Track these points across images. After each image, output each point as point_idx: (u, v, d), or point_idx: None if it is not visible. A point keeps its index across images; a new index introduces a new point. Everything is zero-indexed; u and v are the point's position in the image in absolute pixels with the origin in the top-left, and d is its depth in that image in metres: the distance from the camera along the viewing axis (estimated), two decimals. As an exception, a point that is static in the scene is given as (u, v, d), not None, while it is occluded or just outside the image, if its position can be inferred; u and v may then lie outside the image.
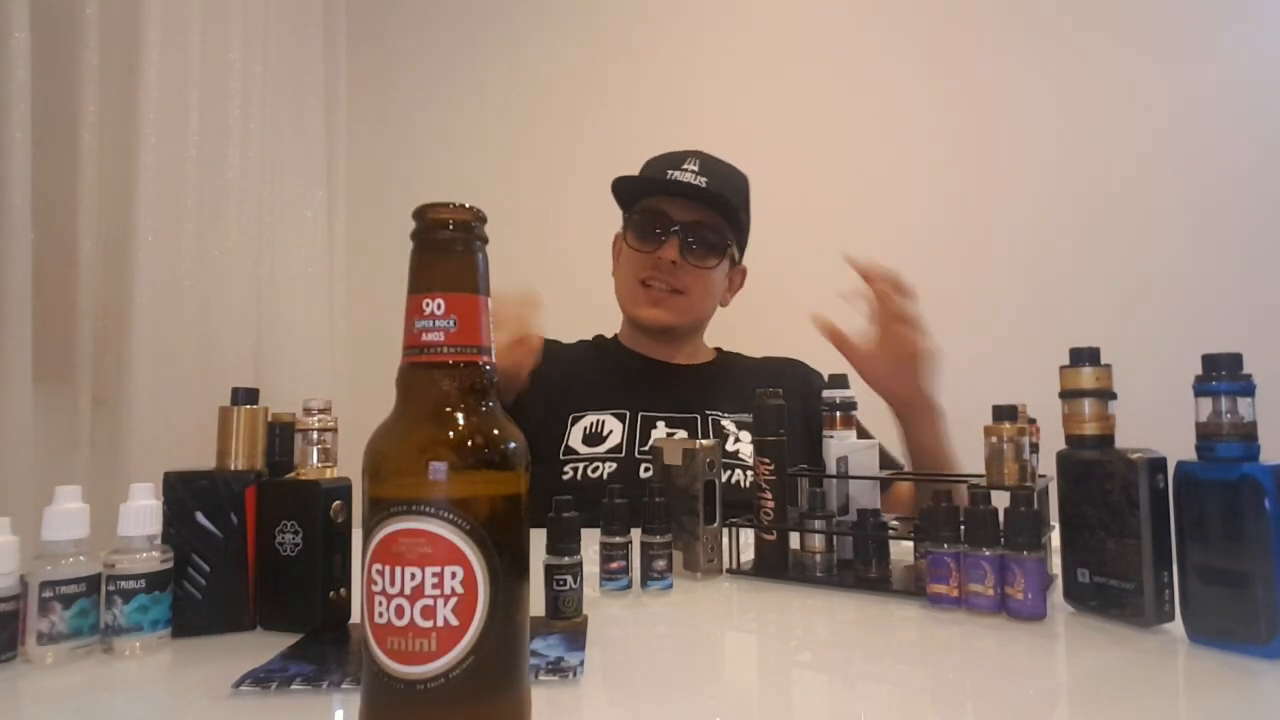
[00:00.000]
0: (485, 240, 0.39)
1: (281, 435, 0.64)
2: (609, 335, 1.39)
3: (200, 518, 0.58)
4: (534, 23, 2.03)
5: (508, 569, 0.36)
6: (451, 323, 0.37)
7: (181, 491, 0.58)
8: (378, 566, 0.35)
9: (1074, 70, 1.84)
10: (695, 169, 1.23)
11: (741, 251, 1.32)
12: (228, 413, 0.61)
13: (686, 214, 1.22)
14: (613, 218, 1.33)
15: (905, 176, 1.87)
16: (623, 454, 1.14)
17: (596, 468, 1.12)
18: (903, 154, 1.88)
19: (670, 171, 1.23)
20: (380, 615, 0.34)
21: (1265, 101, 1.76)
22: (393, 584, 0.34)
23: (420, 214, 0.38)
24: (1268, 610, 0.49)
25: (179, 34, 1.35)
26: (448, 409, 0.37)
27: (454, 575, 0.34)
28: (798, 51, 1.93)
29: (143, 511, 0.55)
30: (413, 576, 0.34)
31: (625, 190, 1.27)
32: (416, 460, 0.35)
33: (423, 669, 0.34)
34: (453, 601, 0.34)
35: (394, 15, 2.06)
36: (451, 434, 0.36)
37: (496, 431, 0.37)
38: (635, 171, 1.30)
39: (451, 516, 0.34)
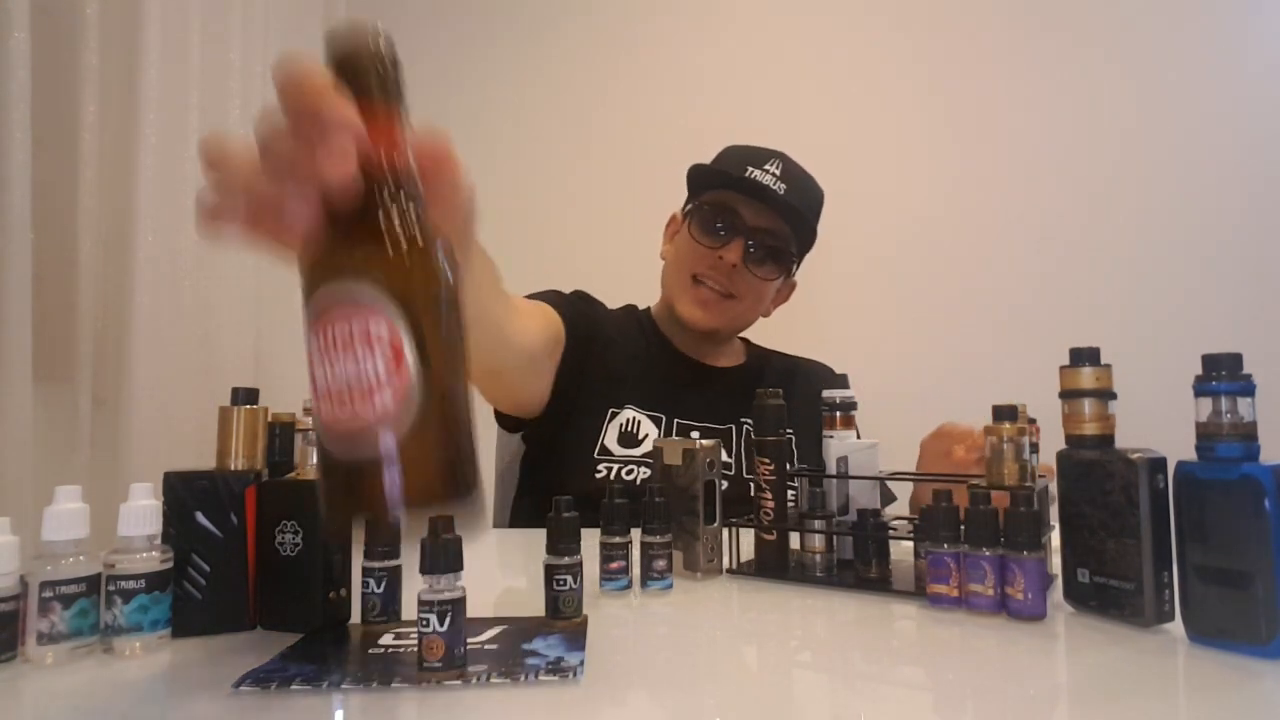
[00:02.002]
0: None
1: (281, 435, 0.64)
2: (640, 307, 1.35)
3: (200, 518, 0.58)
4: (534, 23, 2.03)
5: (435, 339, 0.37)
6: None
7: (181, 491, 0.58)
8: (316, 338, 0.36)
9: (1074, 70, 1.84)
10: (776, 173, 1.16)
11: (799, 264, 1.26)
12: (228, 413, 0.61)
13: (758, 218, 1.16)
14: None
15: (905, 176, 1.88)
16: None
17: (631, 470, 1.11)
18: (903, 153, 1.88)
19: (750, 169, 1.16)
20: (321, 383, 0.36)
21: (1265, 101, 1.76)
22: (331, 352, 0.36)
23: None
24: (1268, 610, 0.49)
25: (179, 34, 1.35)
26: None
27: (381, 338, 0.36)
28: (797, 50, 1.94)
29: (143, 511, 0.55)
30: (347, 344, 0.36)
31: (699, 179, 1.22)
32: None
33: (365, 431, 0.35)
34: (385, 362, 0.35)
35: (394, 15, 2.06)
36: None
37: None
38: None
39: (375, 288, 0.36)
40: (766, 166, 1.17)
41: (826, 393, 0.81)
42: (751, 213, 1.17)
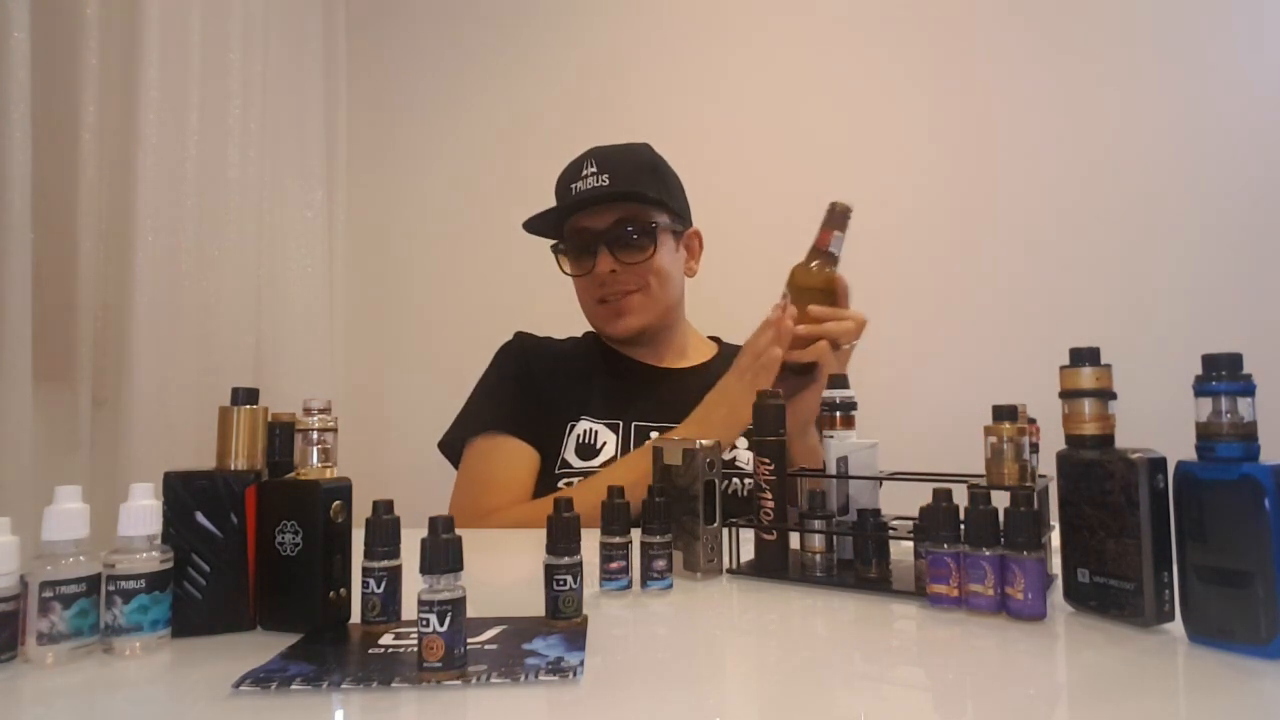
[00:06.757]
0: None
1: (281, 435, 0.64)
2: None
3: (200, 518, 0.58)
4: (534, 21, 2.03)
5: None
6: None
7: (181, 491, 0.58)
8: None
9: (1074, 69, 1.84)
10: (595, 170, 1.20)
11: (681, 218, 1.27)
12: (228, 413, 0.61)
13: (604, 219, 1.19)
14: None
15: (905, 175, 1.87)
16: None
17: None
18: (903, 152, 1.88)
19: (572, 185, 1.21)
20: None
21: (1266, 101, 1.76)
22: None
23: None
24: (1268, 610, 0.49)
25: (179, 34, 1.35)
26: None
27: None
28: (795, 48, 1.93)
29: (143, 511, 0.55)
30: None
31: (537, 227, 1.24)
32: None
33: None
34: None
35: (394, 15, 2.06)
36: None
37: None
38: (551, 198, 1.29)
39: None
40: (584, 173, 1.21)
41: (826, 393, 0.81)
42: (595, 219, 1.19)
